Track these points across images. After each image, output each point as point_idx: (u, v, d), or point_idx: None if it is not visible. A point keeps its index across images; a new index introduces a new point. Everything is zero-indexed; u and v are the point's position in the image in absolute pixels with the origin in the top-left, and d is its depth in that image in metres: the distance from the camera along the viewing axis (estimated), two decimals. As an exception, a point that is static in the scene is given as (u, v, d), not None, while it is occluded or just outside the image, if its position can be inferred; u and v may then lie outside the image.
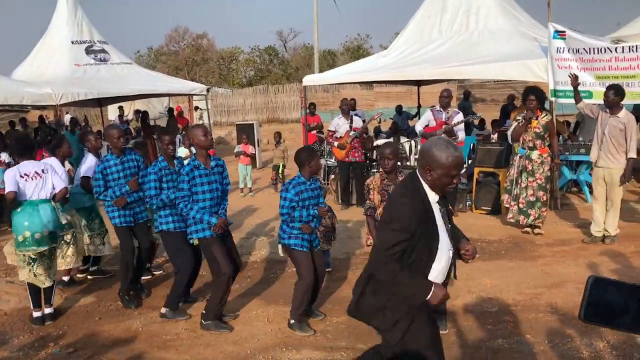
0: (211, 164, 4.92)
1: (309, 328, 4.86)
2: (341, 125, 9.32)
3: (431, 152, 2.84)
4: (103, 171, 5.51)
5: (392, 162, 4.73)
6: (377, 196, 4.78)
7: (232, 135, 21.45)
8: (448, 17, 10.31)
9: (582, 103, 7.20)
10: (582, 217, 8.09)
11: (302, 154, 4.86)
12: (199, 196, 4.80)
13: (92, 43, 13.76)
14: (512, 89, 26.47)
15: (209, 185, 4.84)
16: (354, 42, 44.76)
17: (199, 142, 4.84)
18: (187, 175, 4.76)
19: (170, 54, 45.64)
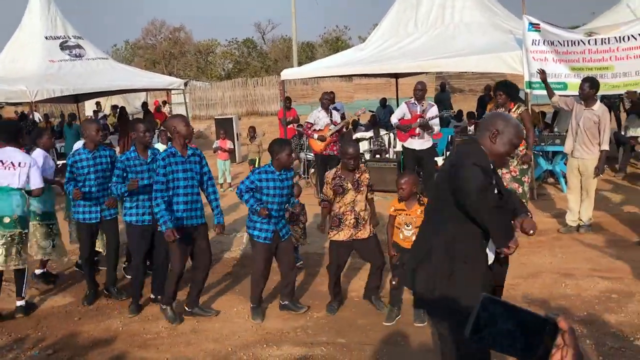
0: (188, 152, 4.91)
1: (259, 316, 5.05)
2: (321, 118, 9.30)
3: (501, 116, 2.97)
4: (73, 164, 5.45)
5: (356, 161, 4.91)
6: (329, 190, 4.94)
7: (212, 129, 21.33)
8: (423, 11, 10.35)
9: (556, 97, 7.30)
10: (558, 207, 8.23)
11: (272, 145, 4.95)
12: (174, 183, 4.80)
13: (67, 38, 13.54)
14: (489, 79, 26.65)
15: (184, 173, 4.84)
16: (332, 34, 44.82)
17: (180, 130, 4.83)
18: (163, 161, 4.77)
19: (148, 47, 45.20)
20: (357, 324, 4.90)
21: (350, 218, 4.89)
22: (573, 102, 6.93)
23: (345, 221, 4.90)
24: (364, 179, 4.93)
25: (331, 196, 4.96)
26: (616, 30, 7.51)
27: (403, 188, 4.64)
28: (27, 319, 5.35)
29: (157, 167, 4.80)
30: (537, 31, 8.11)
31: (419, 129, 8.38)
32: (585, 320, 4.62)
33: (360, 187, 4.90)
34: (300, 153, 11.67)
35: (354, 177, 4.90)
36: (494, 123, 2.92)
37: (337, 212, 4.95)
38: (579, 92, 6.77)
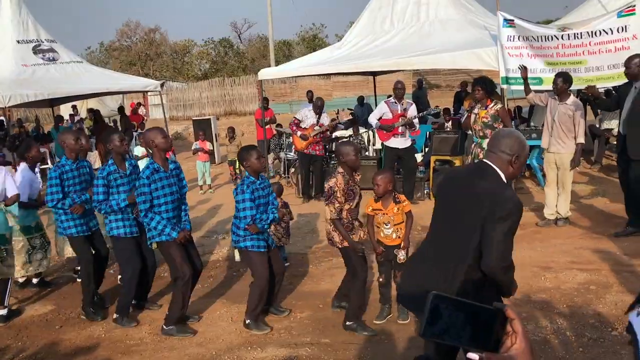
0: (170, 166, 4.87)
1: (265, 326, 4.88)
2: (309, 117, 9.44)
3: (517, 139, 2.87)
4: (61, 176, 5.27)
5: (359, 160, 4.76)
6: (342, 198, 4.60)
7: (189, 130, 21.19)
8: (399, 8, 10.40)
9: (531, 94, 7.42)
10: (536, 201, 8.33)
11: (240, 155, 4.87)
12: (160, 200, 4.74)
13: (40, 42, 13.34)
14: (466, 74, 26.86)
15: (170, 188, 4.80)
16: (309, 32, 44.71)
17: (159, 144, 4.78)
18: (148, 179, 4.68)
19: (123, 49, 44.73)
20: (340, 323, 4.92)
21: (357, 223, 4.80)
22: (547, 97, 7.03)
23: (353, 225, 4.75)
24: (359, 179, 4.86)
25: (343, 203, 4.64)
26: (588, 25, 7.62)
27: (378, 184, 4.60)
28: (7, 329, 5.28)
29: (141, 185, 4.66)
30: (512, 27, 8.19)
31: (402, 127, 8.47)
32: (565, 312, 4.69)
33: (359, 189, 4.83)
34: (280, 153, 11.67)
35: (355, 179, 4.77)
36: (511, 147, 2.85)
37: (345, 219, 4.67)
38: (553, 87, 6.88)
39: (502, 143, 2.89)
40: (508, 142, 2.88)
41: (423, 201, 8.89)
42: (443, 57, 9.06)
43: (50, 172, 5.40)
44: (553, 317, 4.63)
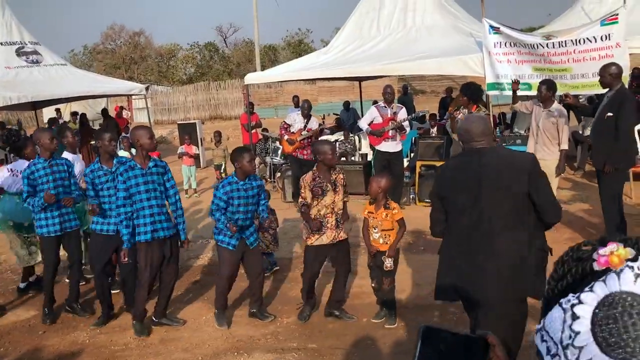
0: (149, 164, 4.83)
1: (223, 321, 5.04)
2: (297, 121, 9.49)
3: (480, 120, 3.41)
4: (30, 176, 5.19)
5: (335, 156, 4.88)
6: (308, 193, 4.85)
7: (174, 134, 21.10)
8: (385, 14, 10.45)
9: (518, 104, 7.52)
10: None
11: (232, 155, 4.94)
12: (135, 197, 4.74)
13: (23, 44, 13.19)
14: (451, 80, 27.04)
15: (145, 185, 4.77)
16: (295, 37, 44.76)
17: (143, 143, 4.77)
18: (122, 175, 4.71)
19: (107, 52, 44.46)
20: (328, 328, 4.92)
21: (332, 220, 4.86)
22: (532, 105, 7.10)
23: (327, 223, 4.85)
24: (339, 179, 4.91)
25: (310, 199, 4.86)
26: (572, 33, 7.72)
27: (372, 185, 4.74)
28: (-12, 335, 5.20)
29: (117, 183, 4.76)
30: (498, 34, 8.28)
31: (392, 131, 8.53)
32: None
33: (337, 188, 4.87)
34: (266, 157, 11.65)
35: (330, 177, 4.87)
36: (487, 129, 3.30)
37: (316, 216, 4.86)
38: (537, 94, 6.95)
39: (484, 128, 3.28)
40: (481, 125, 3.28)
41: (409, 206, 8.91)
42: (429, 63, 9.12)
43: (23, 172, 5.34)
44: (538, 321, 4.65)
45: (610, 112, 6.03)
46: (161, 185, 4.91)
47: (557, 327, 1.00)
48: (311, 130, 9.38)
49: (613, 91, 6.12)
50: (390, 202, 4.80)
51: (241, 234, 4.94)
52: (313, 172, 4.91)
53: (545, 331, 1.04)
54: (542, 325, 1.05)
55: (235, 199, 4.84)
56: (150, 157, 4.90)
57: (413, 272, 5.89)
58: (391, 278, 4.79)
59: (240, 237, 4.94)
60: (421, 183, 9.00)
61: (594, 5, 9.60)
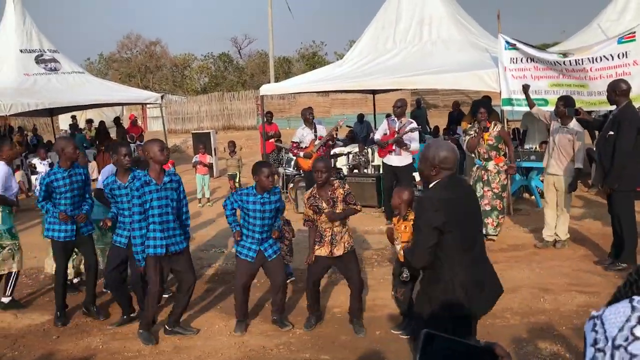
0: (164, 179, 4.87)
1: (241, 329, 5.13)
2: (306, 135, 9.36)
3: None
4: (49, 184, 5.30)
5: (325, 175, 4.86)
6: (308, 210, 4.95)
7: (188, 143, 21.22)
8: (402, 28, 10.51)
9: (536, 108, 7.54)
10: (534, 222, 8.35)
11: (253, 168, 5.02)
12: (149, 212, 4.79)
13: (42, 52, 13.39)
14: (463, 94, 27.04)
15: (158, 201, 4.80)
16: (309, 49, 44.96)
17: (154, 156, 4.80)
18: (137, 191, 4.74)
19: (123, 60, 44.89)
20: (340, 340, 4.91)
21: (329, 235, 4.91)
22: (551, 117, 7.11)
23: (325, 237, 4.92)
24: (338, 194, 4.90)
25: (312, 215, 4.95)
26: (589, 51, 7.70)
27: (394, 197, 4.76)
28: (3, 338, 5.25)
29: (133, 197, 4.80)
30: (515, 49, 8.29)
31: (395, 145, 8.52)
32: (564, 335, 4.70)
33: (335, 204, 4.88)
34: (279, 168, 11.68)
35: (327, 195, 4.89)
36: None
37: (319, 229, 4.96)
38: (555, 109, 6.95)
39: (455, 157, 3.32)
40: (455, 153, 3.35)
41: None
42: (445, 77, 9.15)
43: (41, 179, 5.50)
44: (553, 339, 4.63)
45: (612, 131, 6.02)
46: (174, 200, 4.93)
47: (617, 322, 0.93)
48: (322, 137, 9.32)
49: (618, 109, 6.11)
50: (410, 213, 4.78)
51: (259, 246, 5.01)
52: (312, 189, 4.99)
53: (600, 321, 0.98)
54: (601, 313, 1.00)
55: (250, 211, 4.91)
56: (165, 171, 4.93)
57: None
58: (406, 289, 4.76)
59: (259, 249, 5.00)
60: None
61: (611, 23, 9.58)
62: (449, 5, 10.70)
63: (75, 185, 5.44)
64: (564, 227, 7.10)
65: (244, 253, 5.02)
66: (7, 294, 5.90)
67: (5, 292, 5.92)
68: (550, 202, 7.15)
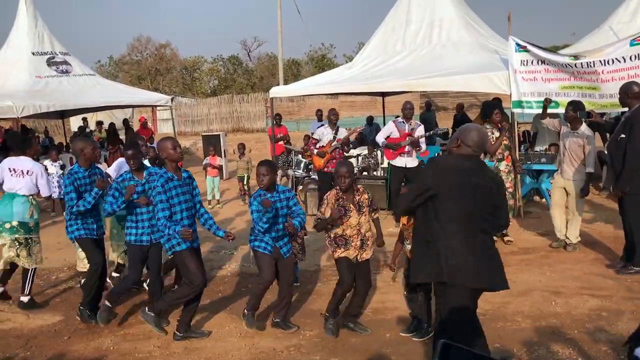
0: (183, 174, 4.96)
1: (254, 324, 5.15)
2: (325, 134, 9.40)
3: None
4: (74, 183, 5.39)
5: (348, 180, 4.84)
6: (328, 210, 4.88)
7: (198, 145, 21.31)
8: (412, 30, 10.50)
9: (547, 119, 7.52)
10: (545, 225, 8.30)
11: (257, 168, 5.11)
12: (175, 208, 4.82)
13: (54, 54, 13.51)
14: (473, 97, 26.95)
15: (184, 196, 4.89)
16: (318, 52, 44.99)
17: (168, 155, 4.85)
18: (163, 187, 4.77)
19: (133, 63, 45.11)
20: (350, 342, 4.90)
21: (357, 240, 4.89)
22: (560, 124, 7.09)
23: (352, 242, 4.89)
24: (364, 200, 4.92)
25: (327, 216, 4.89)
26: (601, 53, 7.67)
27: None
28: (16, 338, 5.29)
29: (157, 193, 4.77)
30: (525, 51, 8.26)
31: (408, 146, 8.52)
32: (576, 338, 4.66)
33: (362, 209, 4.89)
34: (288, 170, 11.70)
35: (354, 198, 4.90)
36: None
37: (342, 234, 4.90)
38: (564, 114, 6.94)
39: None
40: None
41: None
42: (455, 79, 9.13)
43: (64, 179, 5.56)
44: (564, 343, 4.60)
45: (624, 134, 5.98)
46: (193, 196, 5.04)
47: None
48: (340, 140, 9.34)
49: (630, 112, 6.07)
50: None
51: (275, 243, 5.08)
52: (337, 190, 4.94)
53: None
54: None
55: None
56: (180, 167, 4.98)
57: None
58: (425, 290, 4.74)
59: (274, 245, 5.07)
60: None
61: (622, 25, 9.55)
62: (459, 7, 10.68)
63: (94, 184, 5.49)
64: (576, 230, 7.06)
65: (262, 246, 5.06)
66: (25, 293, 5.97)
67: (22, 290, 5.99)
68: (556, 202, 7.16)
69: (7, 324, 5.62)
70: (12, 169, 6.05)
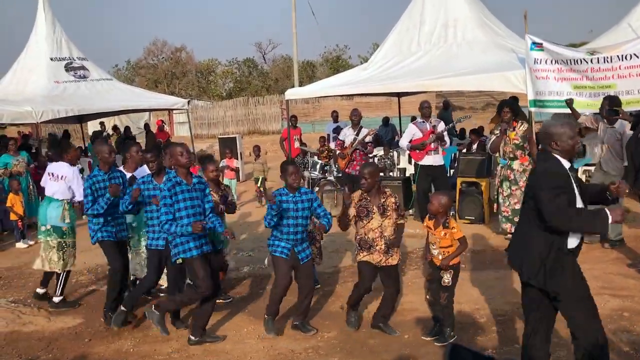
0: (193, 180, 4.94)
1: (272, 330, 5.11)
2: (348, 135, 9.58)
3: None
4: (92, 186, 5.50)
5: (368, 181, 4.84)
6: (353, 210, 4.94)
7: (214, 147, 21.37)
8: (426, 30, 10.45)
9: (582, 117, 7.50)
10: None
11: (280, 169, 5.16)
12: (181, 212, 4.80)
13: (72, 60, 13.67)
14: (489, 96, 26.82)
15: (191, 202, 4.86)
16: (332, 53, 44.88)
17: (176, 161, 4.87)
18: (169, 191, 4.78)
19: (149, 67, 45.43)
20: (369, 344, 4.90)
21: (381, 244, 4.88)
22: (597, 120, 7.17)
23: (377, 247, 4.88)
24: (389, 203, 4.89)
25: (352, 216, 4.94)
26: (618, 49, 7.60)
27: (432, 203, 4.73)
28: (38, 341, 5.36)
29: (162, 197, 4.81)
30: (540, 50, 8.18)
31: (434, 143, 8.53)
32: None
33: (386, 212, 4.87)
34: (304, 171, 11.71)
35: (379, 201, 4.88)
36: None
37: (364, 237, 4.91)
38: (600, 111, 7.00)
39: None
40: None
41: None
42: (470, 79, 9.08)
43: (84, 183, 5.66)
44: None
45: None
46: (203, 201, 5.00)
47: None
48: (357, 140, 9.38)
49: None
50: (451, 220, 4.71)
51: (294, 248, 5.05)
52: (362, 192, 4.96)
53: None
54: None
55: (285, 211, 4.98)
56: (191, 173, 4.99)
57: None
58: (448, 294, 4.71)
59: (292, 250, 5.05)
60: (462, 200, 8.90)
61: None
62: (474, 6, 10.60)
63: None
64: (616, 227, 6.97)
65: (279, 250, 5.06)
66: (57, 294, 6.12)
67: (55, 291, 6.13)
68: None
69: (29, 327, 5.70)
70: (51, 174, 6.29)
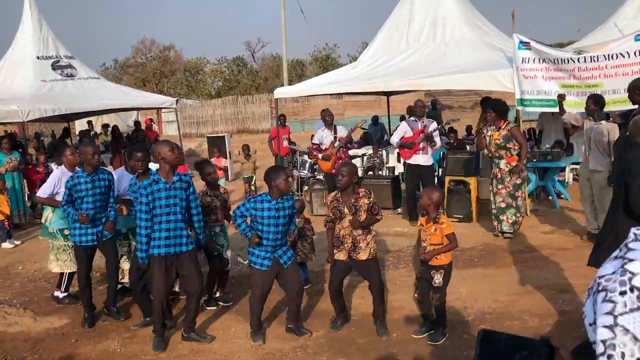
0: (173, 178, 4.83)
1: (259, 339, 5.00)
2: (325, 137, 9.28)
3: None
4: (72, 187, 5.37)
5: (345, 178, 4.81)
6: (330, 212, 4.96)
7: (203, 147, 21.33)
8: (415, 28, 10.49)
9: (566, 114, 7.54)
10: (552, 223, 8.29)
11: (267, 174, 4.89)
12: (156, 210, 4.74)
13: (59, 58, 13.58)
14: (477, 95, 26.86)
15: (167, 200, 4.76)
16: (322, 52, 44.94)
17: (164, 157, 4.77)
18: (145, 189, 4.72)
19: (137, 66, 45.22)
20: (357, 342, 4.90)
21: (349, 241, 4.88)
22: (582, 118, 7.21)
23: (345, 243, 4.90)
24: (362, 204, 4.82)
25: (333, 217, 4.95)
26: (605, 48, 7.66)
27: (423, 197, 4.76)
28: (23, 342, 5.31)
29: (139, 196, 4.74)
30: (528, 49, 8.24)
31: (423, 142, 8.52)
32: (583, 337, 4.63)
33: (358, 213, 4.82)
34: (294, 171, 11.69)
35: (351, 201, 4.84)
36: None
37: (338, 234, 4.94)
38: (585, 108, 7.02)
39: None
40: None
41: (437, 221, 8.86)
42: (459, 77, 9.12)
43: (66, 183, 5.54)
44: (573, 341, 4.57)
45: None
46: (183, 200, 4.87)
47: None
48: (342, 138, 9.27)
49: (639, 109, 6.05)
50: (441, 215, 4.71)
51: (273, 253, 4.90)
52: (336, 192, 4.98)
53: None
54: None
55: (265, 218, 4.80)
56: (174, 171, 4.89)
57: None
58: (440, 294, 4.68)
59: (273, 257, 4.90)
60: (450, 198, 8.93)
61: (628, 22, 9.51)
62: (462, 5, 10.66)
63: (97, 190, 5.46)
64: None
65: (258, 262, 4.89)
66: (62, 290, 6.28)
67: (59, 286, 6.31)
68: (586, 195, 7.21)
69: (15, 327, 5.65)
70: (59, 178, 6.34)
